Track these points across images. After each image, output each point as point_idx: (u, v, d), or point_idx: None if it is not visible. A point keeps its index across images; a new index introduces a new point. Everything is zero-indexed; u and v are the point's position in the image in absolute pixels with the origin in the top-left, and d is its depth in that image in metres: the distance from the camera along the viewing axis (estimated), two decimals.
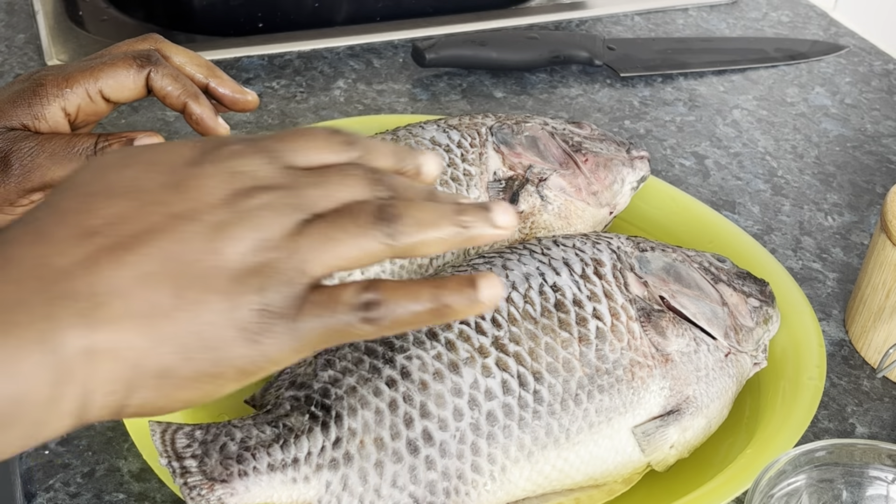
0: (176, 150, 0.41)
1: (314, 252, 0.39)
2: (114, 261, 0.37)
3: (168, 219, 0.38)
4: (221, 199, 0.39)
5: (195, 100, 0.64)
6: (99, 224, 0.38)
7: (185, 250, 0.38)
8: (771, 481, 0.47)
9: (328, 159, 0.41)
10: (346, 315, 0.39)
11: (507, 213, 0.41)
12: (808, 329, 0.60)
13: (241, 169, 0.40)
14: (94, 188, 0.39)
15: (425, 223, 0.40)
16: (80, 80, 0.62)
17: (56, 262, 0.37)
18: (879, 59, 1.00)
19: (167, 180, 0.39)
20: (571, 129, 0.67)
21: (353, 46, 0.95)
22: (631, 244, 0.57)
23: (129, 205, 0.39)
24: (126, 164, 0.40)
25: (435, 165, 0.43)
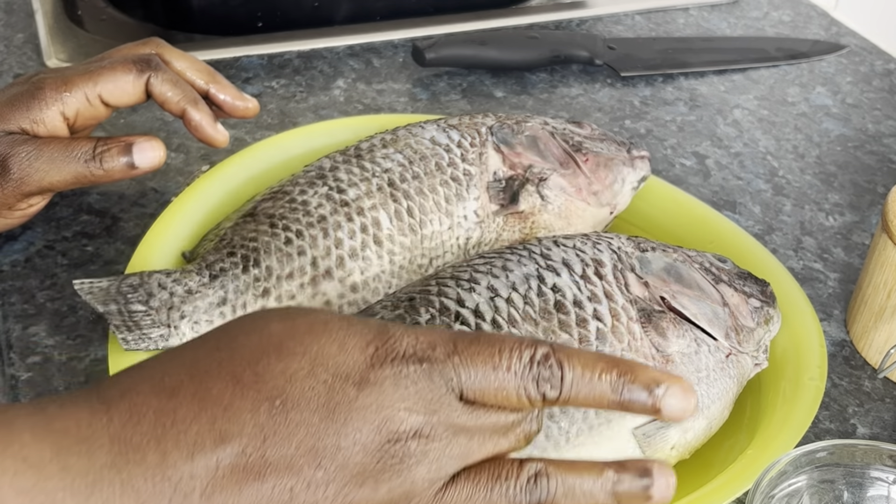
0: (346, 350, 0.36)
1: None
2: (235, 488, 0.34)
3: (308, 453, 0.34)
4: (374, 443, 0.35)
5: (194, 106, 0.64)
6: (234, 432, 0.34)
7: (313, 498, 0.34)
8: (772, 482, 0.47)
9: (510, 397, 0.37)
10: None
11: (665, 481, 0.38)
12: (809, 329, 0.59)
13: (408, 405, 0.36)
14: (244, 375, 0.35)
15: (574, 497, 0.37)
16: (80, 85, 0.62)
17: (177, 472, 0.34)
18: (880, 58, 0.99)
19: (322, 398, 0.35)
20: (572, 128, 0.67)
21: (353, 46, 0.94)
22: (631, 244, 0.57)
23: (275, 417, 0.34)
24: (288, 352, 0.36)
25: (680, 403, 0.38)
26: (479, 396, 0.37)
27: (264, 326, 0.37)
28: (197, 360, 0.36)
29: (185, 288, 0.56)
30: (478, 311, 0.51)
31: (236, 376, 0.35)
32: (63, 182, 0.61)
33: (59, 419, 0.34)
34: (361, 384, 0.35)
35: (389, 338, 0.37)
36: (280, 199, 0.60)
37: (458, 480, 0.36)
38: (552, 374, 0.37)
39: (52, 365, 0.59)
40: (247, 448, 0.34)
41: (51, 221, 0.69)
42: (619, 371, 0.37)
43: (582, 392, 0.37)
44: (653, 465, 0.38)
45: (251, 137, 0.80)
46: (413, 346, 0.37)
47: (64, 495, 0.33)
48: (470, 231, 0.61)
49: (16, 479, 0.32)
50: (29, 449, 0.33)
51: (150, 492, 0.34)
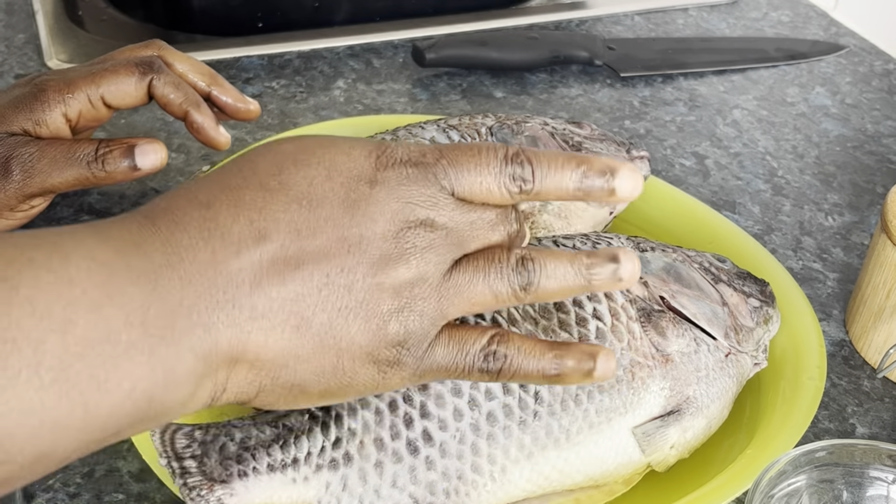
0: (353, 157, 0.41)
1: (457, 297, 0.42)
2: (279, 277, 0.39)
3: (337, 242, 0.39)
4: (389, 232, 0.40)
5: (197, 108, 0.64)
6: (272, 229, 0.39)
7: (346, 280, 0.39)
8: (771, 482, 0.47)
9: (494, 195, 0.42)
10: (469, 361, 0.42)
11: (632, 265, 0.43)
12: (809, 329, 0.60)
13: (412, 199, 0.41)
14: (270, 183, 0.40)
15: (557, 277, 0.43)
16: (82, 86, 0.62)
17: (227, 264, 0.38)
18: (880, 59, 1.00)
19: (342, 195, 0.40)
20: (571, 129, 0.67)
21: (353, 46, 0.95)
22: (631, 244, 0.57)
23: (304, 215, 0.39)
24: (303, 163, 0.41)
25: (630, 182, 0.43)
26: (467, 193, 0.42)
27: (278, 147, 0.41)
28: (224, 179, 0.40)
29: None
30: None
31: (264, 185, 0.40)
32: (65, 183, 0.61)
33: (114, 229, 0.38)
34: (372, 183, 0.40)
35: (387, 147, 0.42)
36: None
37: (460, 265, 0.42)
38: (524, 168, 0.42)
39: None
40: (284, 242, 0.39)
41: (52, 222, 0.70)
42: (577, 162, 0.42)
43: (551, 182, 0.42)
44: (619, 251, 0.43)
45: (252, 138, 0.80)
46: (407, 154, 0.42)
47: (133, 290, 0.36)
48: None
49: (91, 274, 0.35)
50: (95, 250, 0.36)
51: (206, 285, 0.37)
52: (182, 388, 0.37)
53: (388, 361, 0.41)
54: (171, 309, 0.37)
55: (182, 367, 0.37)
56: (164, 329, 0.36)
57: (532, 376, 0.43)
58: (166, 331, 0.36)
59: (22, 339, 0.34)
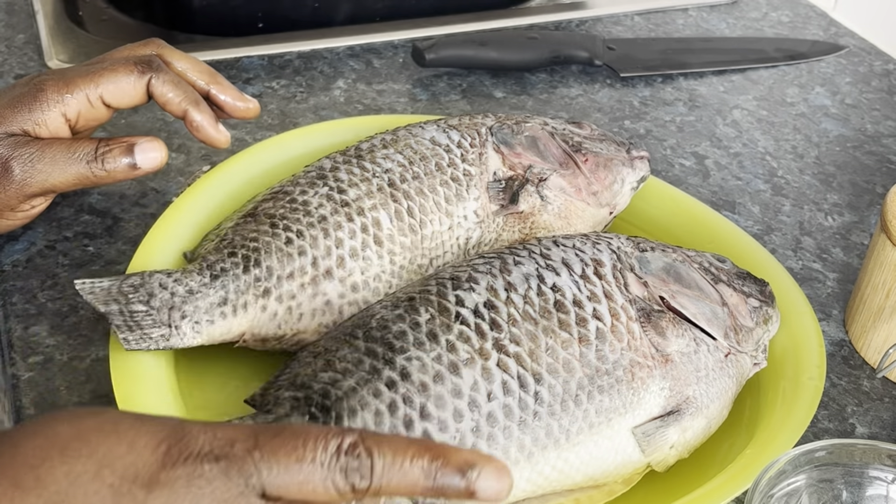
0: (135, 450, 0.34)
1: None
2: None
3: None
4: None
5: (196, 107, 0.64)
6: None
7: None
8: (771, 481, 0.47)
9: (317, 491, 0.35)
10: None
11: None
12: (808, 329, 0.60)
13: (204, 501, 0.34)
14: (25, 479, 0.33)
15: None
16: (81, 86, 0.62)
17: None
18: (879, 59, 1.00)
19: (108, 502, 0.33)
20: (571, 129, 0.67)
21: (353, 46, 0.95)
22: (631, 244, 0.57)
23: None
24: (73, 454, 0.34)
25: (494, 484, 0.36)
26: (282, 492, 0.35)
27: (49, 428, 0.35)
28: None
29: (186, 288, 0.56)
30: (477, 311, 0.51)
31: (17, 481, 0.33)
32: (65, 183, 0.61)
33: None
34: (150, 485, 0.33)
35: (184, 436, 0.35)
36: (281, 200, 0.61)
37: None
38: (361, 463, 0.35)
39: (54, 365, 0.59)
40: None
41: (52, 222, 0.70)
42: (430, 456, 0.36)
43: (394, 480, 0.36)
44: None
45: (252, 138, 0.80)
46: (210, 443, 0.35)
47: None
48: (470, 231, 0.61)
49: None
50: None
51: None
52: None
53: None
54: None
55: None
56: None
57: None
58: None
59: None
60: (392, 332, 0.51)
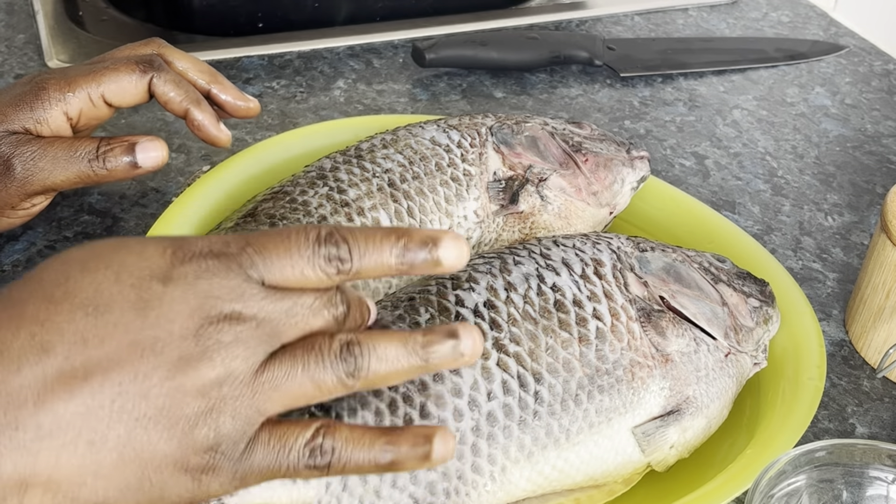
0: (145, 256, 0.38)
1: (275, 392, 0.39)
2: (66, 391, 0.36)
3: (129, 348, 0.37)
4: (188, 331, 0.37)
5: (197, 106, 0.64)
6: (56, 341, 0.36)
7: (142, 387, 0.37)
8: (771, 481, 0.47)
9: (308, 276, 0.40)
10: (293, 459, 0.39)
11: (472, 340, 0.41)
12: (808, 329, 0.60)
13: (213, 293, 0.38)
14: (55, 293, 0.37)
15: (388, 359, 0.40)
16: (83, 85, 0.62)
17: (6, 383, 0.36)
18: (879, 59, 1.00)
19: (132, 297, 0.37)
20: (571, 129, 0.67)
21: (353, 46, 0.95)
22: (631, 244, 0.57)
23: (90, 322, 0.37)
24: (90, 268, 0.38)
25: (457, 254, 0.41)
26: (280, 280, 0.39)
27: (66, 255, 0.39)
28: (9, 294, 0.38)
29: None
30: (477, 311, 0.51)
31: (47, 296, 0.37)
32: (67, 181, 0.61)
33: None
34: (166, 280, 0.38)
35: (184, 242, 0.39)
36: (280, 200, 0.61)
37: (276, 357, 0.39)
38: (339, 248, 0.40)
39: None
40: (69, 354, 0.36)
41: (52, 221, 0.70)
42: (396, 235, 0.40)
43: (370, 260, 0.40)
44: (458, 327, 0.41)
45: (252, 138, 0.80)
46: (208, 246, 0.39)
47: None
48: (470, 231, 0.61)
49: None
50: None
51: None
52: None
53: (201, 468, 0.38)
54: None
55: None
56: None
57: (364, 467, 0.40)
58: None
59: None
60: None
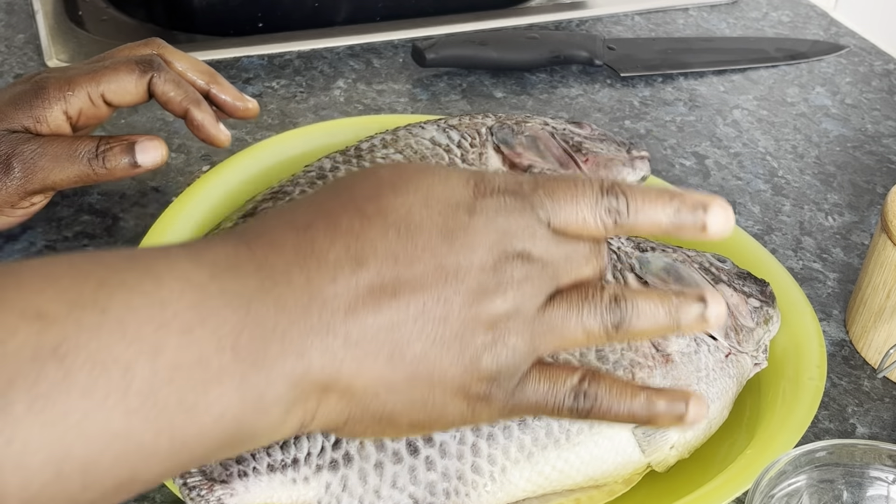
0: (451, 185, 0.40)
1: (549, 333, 0.41)
2: (376, 305, 0.37)
3: (435, 271, 0.38)
4: (488, 263, 0.39)
5: (197, 106, 0.64)
6: (369, 255, 0.38)
7: (442, 310, 0.38)
8: (771, 482, 0.47)
9: (589, 225, 0.41)
10: (559, 400, 0.41)
11: (717, 308, 0.43)
12: (809, 329, 0.60)
13: (511, 229, 0.40)
14: (368, 209, 0.39)
15: (647, 316, 0.42)
16: (83, 84, 0.62)
17: (322, 290, 0.37)
18: (880, 59, 1.00)
19: (440, 223, 0.39)
20: (571, 129, 0.67)
21: (353, 46, 0.95)
22: (631, 244, 0.57)
23: (402, 242, 0.38)
24: (401, 190, 0.40)
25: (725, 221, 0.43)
26: (563, 225, 0.41)
27: (375, 172, 0.41)
28: (321, 202, 0.40)
29: None
30: None
31: (361, 210, 0.39)
32: (66, 180, 0.61)
33: (208, 252, 0.37)
34: (471, 211, 0.39)
35: (485, 175, 0.41)
36: (280, 200, 0.60)
37: (555, 300, 0.41)
38: (618, 200, 0.41)
39: None
40: (381, 269, 0.38)
41: (51, 221, 0.70)
42: (670, 196, 0.42)
43: (645, 216, 0.42)
44: (706, 293, 0.42)
45: (252, 138, 0.80)
46: (504, 183, 0.41)
47: (226, 313, 0.35)
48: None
49: (183, 297, 0.35)
50: (190, 273, 0.36)
51: (301, 310, 0.37)
52: (272, 414, 0.37)
53: (479, 396, 0.40)
54: (264, 334, 0.36)
55: (273, 393, 0.36)
56: (257, 354, 0.36)
57: (622, 417, 0.42)
58: (258, 356, 0.36)
59: (111, 363, 0.33)
60: None
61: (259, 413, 0.36)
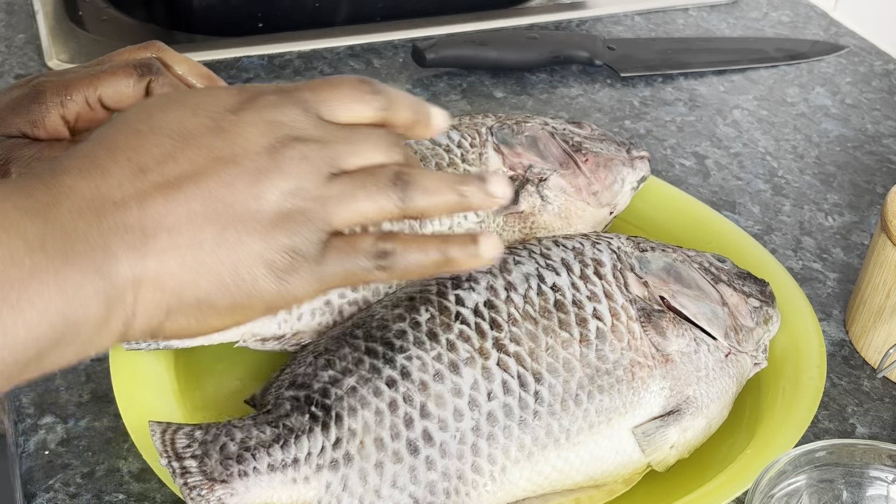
0: (217, 96, 0.44)
1: (339, 206, 0.43)
2: (164, 198, 0.41)
3: (213, 162, 0.42)
4: (262, 147, 0.42)
5: None
6: (149, 162, 0.41)
7: (228, 192, 0.41)
8: (771, 481, 0.47)
9: (356, 111, 0.45)
10: (363, 261, 0.44)
11: (501, 185, 0.45)
12: (809, 329, 0.60)
13: (279, 119, 0.43)
14: (141, 127, 0.42)
15: (431, 190, 0.45)
16: (80, 88, 0.62)
17: (111, 194, 0.40)
18: (880, 59, 1.00)
19: (210, 125, 0.42)
20: (571, 129, 0.67)
21: (353, 46, 0.95)
22: (631, 244, 0.57)
23: (176, 146, 0.42)
24: (170, 108, 0.43)
25: (443, 119, 0.47)
26: (332, 117, 0.44)
27: (145, 101, 0.45)
28: (99, 134, 0.43)
29: None
30: (477, 311, 0.51)
31: (136, 130, 0.42)
32: None
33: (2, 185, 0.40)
34: (238, 111, 0.43)
35: (248, 85, 0.45)
36: None
37: (339, 177, 0.44)
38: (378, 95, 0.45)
39: None
40: (163, 170, 0.41)
41: None
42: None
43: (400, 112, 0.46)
44: (486, 174, 0.46)
45: None
46: (269, 89, 0.44)
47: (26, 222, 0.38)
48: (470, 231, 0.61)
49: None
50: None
51: (94, 214, 0.40)
52: (92, 307, 0.39)
53: (284, 268, 0.42)
54: (66, 235, 0.39)
55: (89, 285, 0.39)
56: (65, 251, 0.38)
57: (424, 264, 0.45)
58: (67, 253, 0.38)
59: None
60: (392, 332, 0.51)
61: (80, 306, 0.39)
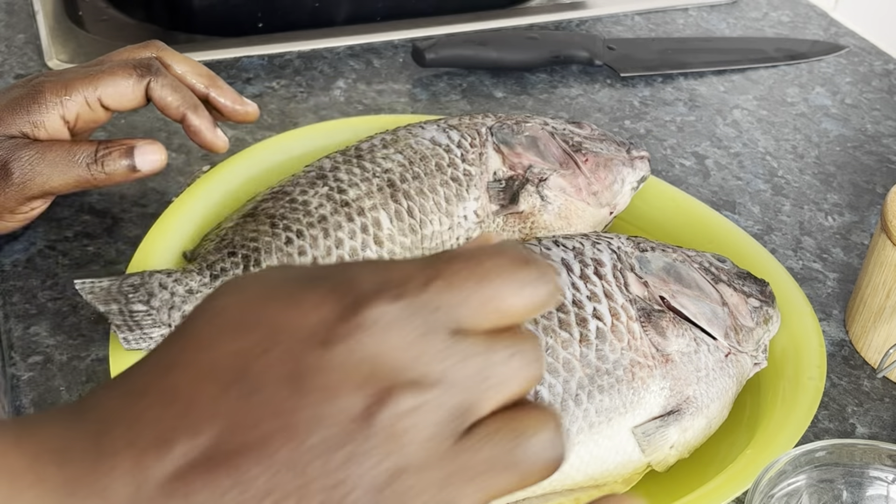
0: (303, 310, 0.31)
1: (466, 488, 0.30)
2: (206, 478, 0.30)
3: (280, 433, 0.29)
4: (356, 406, 0.29)
5: (194, 111, 0.64)
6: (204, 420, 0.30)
7: (298, 483, 0.29)
8: (771, 481, 0.47)
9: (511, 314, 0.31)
10: None
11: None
12: (809, 329, 0.60)
13: (388, 353, 0.30)
14: (202, 361, 0.31)
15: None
16: (80, 88, 0.62)
17: (149, 473, 0.30)
18: (880, 59, 1.00)
19: (287, 370, 0.30)
20: (571, 129, 0.67)
21: (353, 46, 0.95)
22: (631, 244, 0.57)
23: (237, 404, 0.30)
24: (242, 328, 0.31)
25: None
26: (476, 325, 0.31)
27: (213, 309, 0.32)
28: (160, 355, 0.33)
29: (185, 288, 0.56)
30: None
31: (196, 363, 0.31)
32: (65, 185, 0.61)
33: (39, 432, 0.31)
34: (327, 343, 0.30)
35: (352, 281, 0.31)
36: (281, 199, 0.61)
37: (472, 435, 0.30)
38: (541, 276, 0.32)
39: (54, 365, 0.59)
40: (220, 437, 0.30)
41: (52, 221, 0.70)
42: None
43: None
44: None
45: (252, 138, 0.80)
46: (381, 283, 0.31)
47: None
48: (470, 231, 0.61)
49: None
50: (9, 458, 0.30)
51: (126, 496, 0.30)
52: None
53: None
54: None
55: None
56: None
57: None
58: None
59: None
60: None
61: None
